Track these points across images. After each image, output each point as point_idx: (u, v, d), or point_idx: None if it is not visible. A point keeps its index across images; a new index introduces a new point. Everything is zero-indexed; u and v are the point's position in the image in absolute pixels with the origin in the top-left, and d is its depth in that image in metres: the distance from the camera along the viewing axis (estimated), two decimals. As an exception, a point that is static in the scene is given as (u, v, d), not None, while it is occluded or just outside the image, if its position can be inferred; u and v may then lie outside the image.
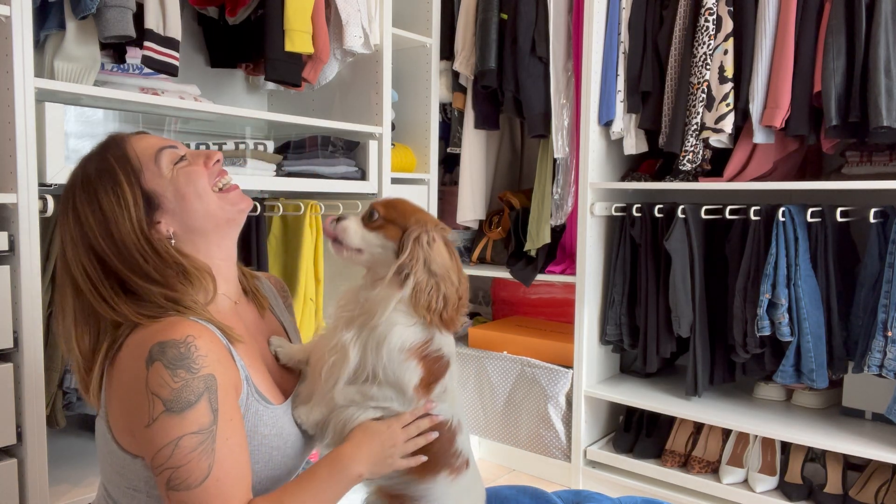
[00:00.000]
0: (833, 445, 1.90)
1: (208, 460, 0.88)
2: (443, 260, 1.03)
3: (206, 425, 0.89)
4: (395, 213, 1.07)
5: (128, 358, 0.92)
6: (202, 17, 2.17)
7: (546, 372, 2.37)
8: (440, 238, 1.04)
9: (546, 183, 2.44)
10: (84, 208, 0.97)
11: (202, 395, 0.89)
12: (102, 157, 1.00)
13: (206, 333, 0.93)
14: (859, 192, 1.99)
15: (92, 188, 0.97)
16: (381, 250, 1.07)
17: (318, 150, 2.09)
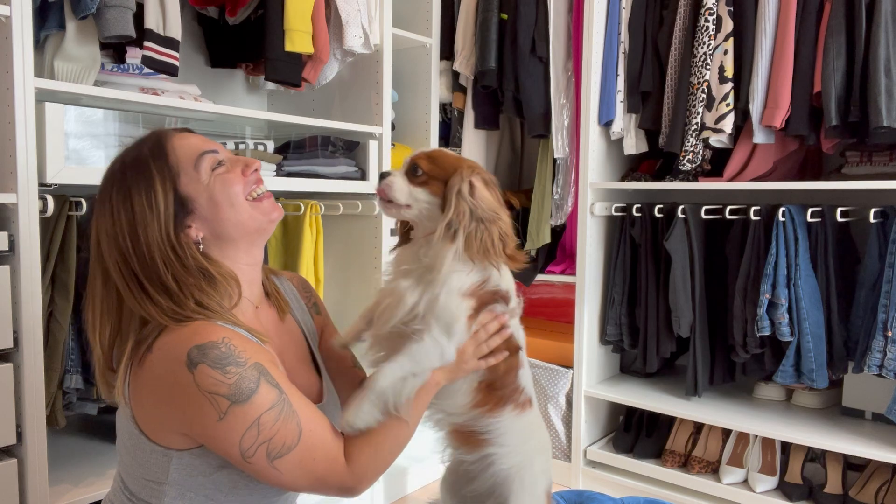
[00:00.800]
0: (833, 445, 1.90)
1: (294, 419, 0.93)
2: (487, 203, 1.04)
3: (275, 399, 0.92)
4: (436, 168, 1.09)
5: (163, 362, 0.93)
6: (202, 17, 2.17)
7: (546, 372, 2.37)
8: (480, 181, 1.06)
9: (546, 183, 2.44)
10: (118, 204, 0.97)
11: (259, 379, 0.92)
12: (141, 156, 1.00)
13: (236, 335, 0.95)
14: (859, 192, 1.99)
15: (126, 186, 0.98)
16: (427, 206, 1.09)
17: (318, 150, 2.09)
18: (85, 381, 1.62)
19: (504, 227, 1.05)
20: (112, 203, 0.97)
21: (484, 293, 1.06)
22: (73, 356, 1.59)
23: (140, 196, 0.97)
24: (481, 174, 1.08)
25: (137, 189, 0.97)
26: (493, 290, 1.07)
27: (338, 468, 0.96)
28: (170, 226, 0.98)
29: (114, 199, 0.97)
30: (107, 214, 0.98)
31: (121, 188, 0.98)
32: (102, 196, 0.99)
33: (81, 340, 1.62)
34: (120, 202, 0.97)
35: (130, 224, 0.96)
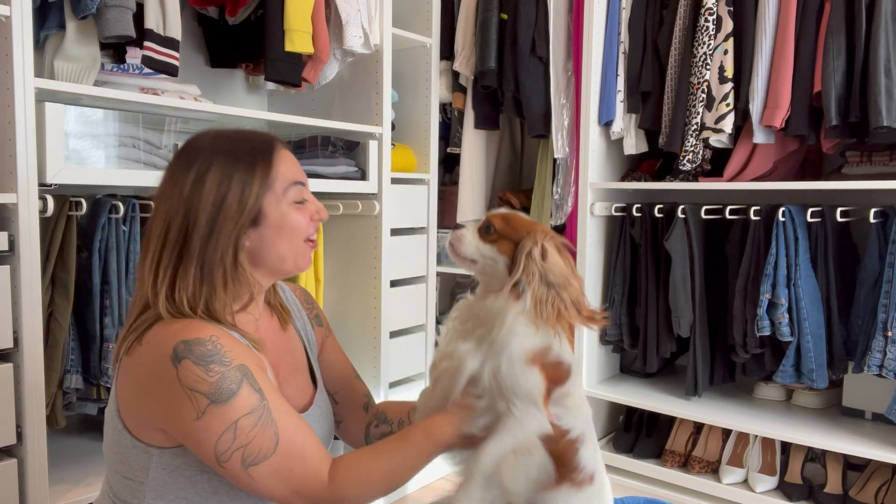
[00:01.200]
0: (833, 445, 1.90)
1: (272, 429, 0.91)
2: (559, 269, 1.02)
3: (256, 404, 0.91)
4: (508, 228, 1.08)
5: (149, 354, 0.93)
6: (202, 17, 2.17)
7: (546, 372, 2.37)
8: (552, 246, 1.04)
9: (546, 183, 2.44)
10: (213, 176, 0.97)
11: (241, 381, 0.91)
12: (252, 149, 1.01)
13: (226, 335, 0.95)
14: (859, 192, 1.99)
15: (230, 167, 0.98)
16: (493, 263, 1.08)
17: (318, 150, 2.09)
18: (85, 381, 1.62)
19: (575, 293, 1.03)
20: (206, 172, 0.97)
21: (547, 363, 1.03)
22: (73, 356, 1.59)
23: (238, 185, 0.98)
24: (555, 239, 1.06)
25: (239, 177, 0.98)
26: (556, 362, 1.04)
27: (316, 484, 0.94)
28: (245, 225, 0.99)
29: (212, 170, 0.97)
30: (191, 179, 0.97)
31: (225, 165, 0.98)
32: (189, 159, 0.99)
33: (81, 340, 1.62)
34: (217, 177, 0.97)
35: (217, 203, 0.96)
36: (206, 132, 1.04)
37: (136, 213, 1.66)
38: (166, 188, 0.99)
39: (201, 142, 1.01)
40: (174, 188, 0.98)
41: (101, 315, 1.61)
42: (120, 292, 1.62)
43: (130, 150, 1.71)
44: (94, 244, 1.59)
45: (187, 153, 1.01)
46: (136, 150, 1.72)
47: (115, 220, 1.62)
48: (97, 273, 1.60)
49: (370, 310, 2.29)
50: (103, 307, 1.61)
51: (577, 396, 1.08)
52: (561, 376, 1.05)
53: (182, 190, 0.97)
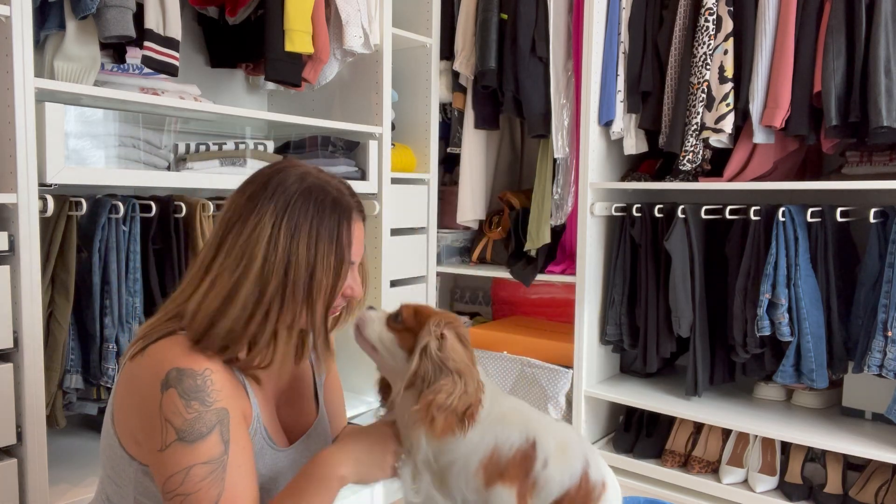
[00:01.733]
0: (833, 445, 1.90)
1: (217, 489, 0.90)
2: (458, 356, 0.97)
3: (216, 456, 0.90)
4: (414, 321, 1.03)
5: (146, 370, 0.93)
6: (202, 17, 2.17)
7: (546, 372, 2.37)
8: (450, 335, 0.99)
9: (546, 183, 2.44)
10: (303, 238, 0.95)
11: (214, 427, 0.90)
12: (334, 223, 0.98)
13: (222, 369, 0.95)
14: (859, 192, 1.99)
15: (315, 235, 0.96)
16: (392, 356, 1.03)
17: (318, 150, 2.09)
18: (85, 381, 1.62)
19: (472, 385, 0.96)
20: (299, 234, 0.95)
21: (509, 463, 0.98)
22: (73, 356, 1.59)
23: (322, 260, 0.96)
24: (455, 328, 1.01)
25: (321, 253, 0.96)
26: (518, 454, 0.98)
27: None
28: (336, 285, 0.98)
29: (302, 233, 0.95)
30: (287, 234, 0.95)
31: (310, 232, 0.96)
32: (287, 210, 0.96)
33: (81, 340, 1.62)
34: (305, 245, 0.95)
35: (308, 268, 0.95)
36: (292, 168, 1.00)
37: (136, 213, 1.66)
38: (252, 224, 0.95)
39: (287, 183, 0.98)
40: (262, 230, 0.95)
41: (101, 315, 1.61)
42: (120, 292, 1.62)
43: (130, 150, 1.71)
44: (94, 244, 1.59)
45: (274, 192, 0.97)
46: (136, 150, 1.72)
47: (115, 220, 1.62)
48: (97, 273, 1.60)
49: (370, 310, 2.29)
50: (103, 307, 1.61)
51: (555, 444, 1.03)
52: (526, 461, 0.99)
53: (275, 240, 0.94)
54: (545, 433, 1.03)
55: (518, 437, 1.01)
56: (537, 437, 1.02)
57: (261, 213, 0.96)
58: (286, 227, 0.95)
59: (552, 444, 1.03)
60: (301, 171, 1.01)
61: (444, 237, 2.74)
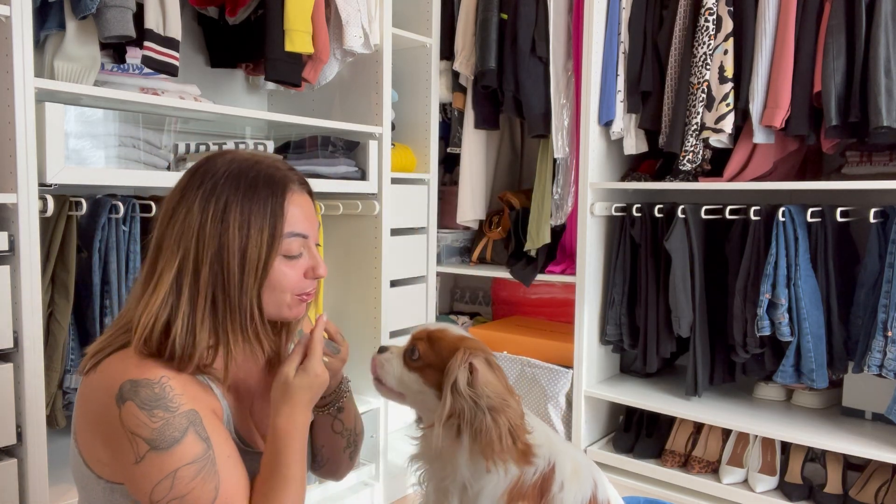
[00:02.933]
0: (833, 445, 1.90)
1: (213, 482, 0.87)
2: (492, 389, 0.94)
3: (200, 454, 0.87)
4: (432, 353, 0.99)
5: (98, 387, 0.90)
6: (202, 17, 2.17)
7: (546, 372, 2.37)
8: (481, 363, 0.96)
9: (546, 183, 2.44)
10: (234, 218, 0.92)
11: (187, 429, 0.87)
12: (266, 194, 0.94)
13: (180, 374, 0.91)
14: (859, 192, 1.99)
15: (247, 211, 0.92)
16: (421, 396, 1.00)
17: (318, 150, 2.09)
18: (85, 381, 1.62)
19: (513, 415, 0.94)
20: (228, 216, 0.91)
21: (527, 491, 0.96)
22: (73, 356, 1.59)
23: (256, 234, 0.92)
24: (483, 355, 0.97)
25: (255, 226, 0.92)
26: (533, 483, 0.97)
27: None
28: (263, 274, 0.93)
29: (231, 214, 0.91)
30: (215, 221, 0.91)
31: (241, 210, 0.92)
32: (214, 195, 0.92)
33: (81, 340, 1.62)
34: (237, 224, 0.91)
35: (242, 251, 0.91)
36: (221, 155, 0.97)
37: (136, 213, 1.66)
38: (181, 215, 0.93)
39: (215, 169, 0.95)
40: (191, 219, 0.92)
41: (101, 315, 1.61)
42: (120, 292, 1.62)
43: (130, 150, 1.71)
44: (94, 244, 1.59)
45: (202, 179, 0.94)
46: (136, 150, 1.72)
47: (115, 220, 1.62)
48: (97, 273, 1.60)
49: (370, 310, 2.29)
50: (103, 307, 1.61)
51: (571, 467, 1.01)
52: (545, 484, 0.98)
53: (204, 226, 0.91)
54: (564, 456, 1.03)
55: (542, 462, 1.00)
56: (557, 461, 1.01)
57: (189, 202, 0.92)
58: (214, 210, 0.91)
59: (569, 467, 1.02)
60: (231, 156, 0.97)
61: (444, 237, 2.74)
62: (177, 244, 0.92)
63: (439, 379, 0.97)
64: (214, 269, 0.91)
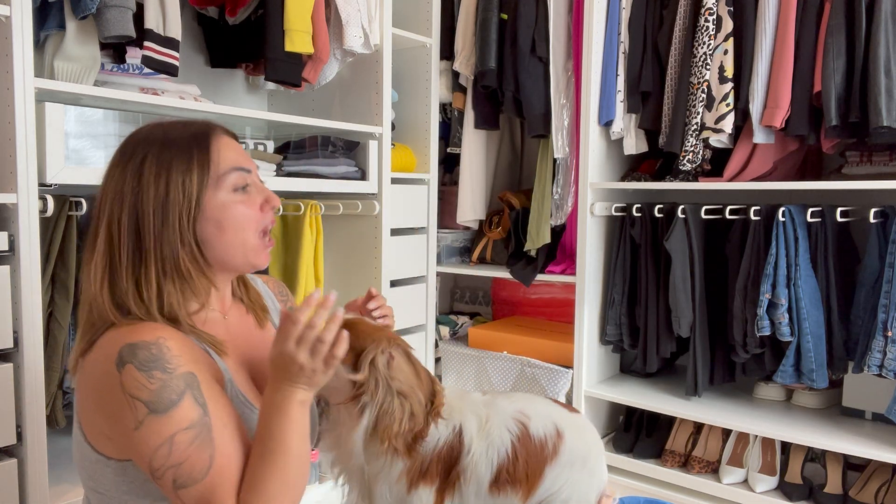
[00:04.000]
0: (833, 445, 1.90)
1: (208, 451, 0.87)
2: (405, 377, 0.96)
3: (196, 419, 0.87)
4: (351, 335, 0.98)
5: (98, 360, 0.90)
6: (202, 17, 2.17)
7: (546, 372, 2.37)
8: (399, 354, 0.98)
9: (546, 183, 2.44)
10: (149, 168, 0.93)
11: (184, 392, 0.87)
12: (186, 137, 0.96)
13: (177, 335, 0.92)
14: (859, 192, 1.99)
15: (166, 160, 0.93)
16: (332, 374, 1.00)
17: (318, 150, 2.09)
18: (85, 381, 1.62)
19: (417, 406, 0.95)
20: (144, 167, 0.93)
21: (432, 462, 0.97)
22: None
23: (177, 177, 0.93)
24: (403, 346, 0.99)
25: (177, 169, 0.93)
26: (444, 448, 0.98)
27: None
28: (193, 217, 0.94)
29: (148, 163, 0.93)
30: (130, 176, 0.93)
31: (159, 159, 0.93)
32: (127, 157, 0.95)
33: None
34: (154, 168, 0.93)
35: (161, 196, 0.92)
36: (146, 124, 0.99)
37: (136, 213, 1.65)
38: (107, 185, 0.95)
39: (138, 134, 0.97)
40: (112, 183, 0.94)
41: (101, 315, 1.61)
42: (120, 292, 1.62)
43: (130, 150, 1.71)
44: (94, 244, 1.59)
45: (123, 147, 0.96)
46: (136, 150, 1.72)
47: (115, 220, 1.61)
48: (97, 273, 1.59)
49: (370, 310, 2.29)
50: (103, 307, 1.61)
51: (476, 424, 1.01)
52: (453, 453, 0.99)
53: (121, 185, 0.93)
54: (469, 416, 1.02)
55: (445, 429, 1.00)
56: (462, 423, 1.01)
57: (112, 171, 0.95)
58: (131, 167, 0.93)
59: (474, 425, 1.01)
60: (153, 123, 0.99)
61: (444, 237, 2.74)
62: (104, 210, 0.94)
63: (352, 359, 0.98)
64: (133, 220, 0.92)
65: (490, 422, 1.03)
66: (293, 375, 0.91)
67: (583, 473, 1.05)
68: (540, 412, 1.07)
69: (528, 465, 1.02)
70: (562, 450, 1.04)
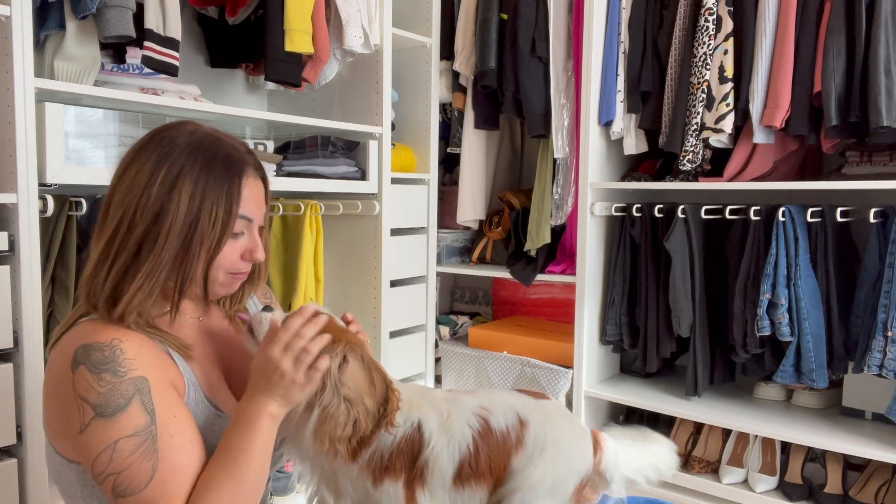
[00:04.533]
0: (833, 445, 1.90)
1: (151, 461, 0.85)
2: (356, 383, 0.95)
3: (141, 427, 0.85)
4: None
5: (57, 357, 0.90)
6: (202, 17, 2.17)
7: (546, 372, 2.37)
8: (353, 359, 0.96)
9: (546, 183, 2.44)
10: (185, 187, 0.91)
11: (132, 397, 0.85)
12: (226, 170, 0.95)
13: (135, 338, 0.90)
14: (859, 192, 1.99)
15: (202, 183, 0.92)
16: None
17: (318, 150, 2.09)
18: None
19: (362, 413, 0.94)
20: (178, 182, 0.91)
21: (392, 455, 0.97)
22: (73, 356, 1.59)
23: (208, 208, 0.92)
24: (360, 351, 0.98)
25: (209, 198, 0.92)
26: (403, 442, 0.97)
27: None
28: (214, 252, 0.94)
29: (182, 180, 0.91)
30: (165, 184, 0.91)
31: (196, 180, 0.92)
32: (167, 159, 0.92)
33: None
34: (189, 193, 0.91)
35: (192, 221, 0.91)
36: (184, 125, 0.97)
37: (136, 213, 1.65)
38: (132, 173, 0.93)
39: (176, 137, 0.95)
40: (140, 177, 0.92)
41: (101, 315, 1.61)
42: (120, 292, 1.62)
43: (130, 150, 1.71)
44: (94, 244, 1.59)
45: (159, 144, 0.94)
46: (136, 150, 1.72)
47: (115, 220, 1.61)
48: (97, 273, 1.59)
49: (370, 310, 2.29)
50: (103, 307, 1.61)
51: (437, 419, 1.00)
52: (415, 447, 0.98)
53: (150, 187, 0.91)
54: (428, 411, 1.02)
55: (403, 423, 0.99)
56: (421, 419, 1.01)
57: (141, 163, 0.93)
58: (166, 173, 0.91)
59: (434, 421, 1.01)
60: (193, 128, 0.97)
61: (444, 237, 2.74)
62: (121, 201, 0.92)
63: None
64: (148, 229, 0.91)
65: (451, 417, 1.02)
66: (272, 384, 0.91)
67: (557, 458, 1.04)
68: (501, 404, 1.06)
69: (490, 458, 1.01)
70: (527, 438, 1.03)
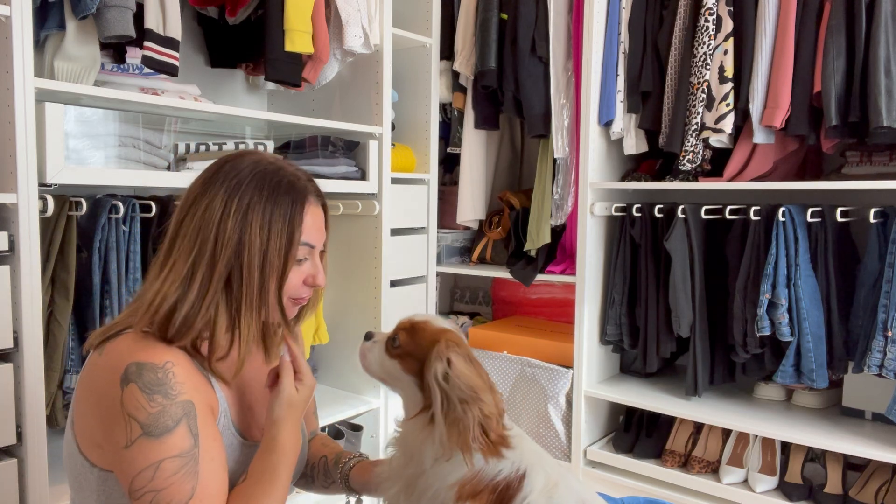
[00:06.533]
0: (833, 445, 1.90)
1: (191, 482, 0.88)
2: (467, 381, 0.96)
3: (186, 449, 0.88)
4: (412, 343, 1.02)
5: (104, 368, 0.91)
6: (202, 17, 2.17)
7: (546, 372, 2.37)
8: (458, 357, 0.98)
9: (546, 183, 2.44)
10: (256, 219, 0.95)
11: (181, 420, 0.89)
12: (290, 202, 0.98)
13: (184, 361, 0.93)
14: (859, 192, 1.99)
15: (268, 214, 0.96)
16: (400, 383, 1.03)
17: (318, 150, 2.09)
18: (85, 381, 1.62)
19: (486, 408, 0.95)
20: (250, 215, 0.95)
21: (482, 489, 0.96)
22: (73, 356, 1.59)
23: (275, 240, 0.96)
24: (461, 349, 1.00)
25: (275, 229, 0.96)
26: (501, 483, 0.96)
27: None
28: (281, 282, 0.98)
29: (252, 213, 0.95)
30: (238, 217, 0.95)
31: (263, 213, 0.96)
32: (237, 191, 0.96)
33: (81, 340, 1.62)
34: (259, 225, 0.95)
35: (263, 250, 0.95)
36: (248, 155, 1.01)
37: (136, 213, 1.66)
38: (202, 207, 0.95)
39: (243, 167, 0.98)
40: (212, 211, 0.95)
41: (100, 315, 1.61)
42: (120, 292, 1.62)
43: (130, 150, 1.71)
44: (94, 244, 1.59)
45: (227, 176, 0.97)
46: (135, 150, 1.73)
47: (115, 220, 1.62)
48: (97, 273, 1.60)
49: (370, 310, 2.29)
50: (103, 307, 1.61)
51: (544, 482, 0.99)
52: (507, 492, 0.97)
53: (225, 221, 0.94)
54: (538, 470, 1.01)
55: (509, 466, 0.99)
56: (528, 472, 1.00)
57: (212, 195, 0.96)
58: (237, 206, 0.95)
59: (540, 483, 1.00)
60: (256, 158, 1.01)
61: (444, 237, 2.74)
62: (195, 234, 0.95)
63: (417, 367, 1.01)
64: (231, 263, 0.94)
65: (557, 488, 1.01)
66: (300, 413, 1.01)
67: None
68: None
69: None
70: None
